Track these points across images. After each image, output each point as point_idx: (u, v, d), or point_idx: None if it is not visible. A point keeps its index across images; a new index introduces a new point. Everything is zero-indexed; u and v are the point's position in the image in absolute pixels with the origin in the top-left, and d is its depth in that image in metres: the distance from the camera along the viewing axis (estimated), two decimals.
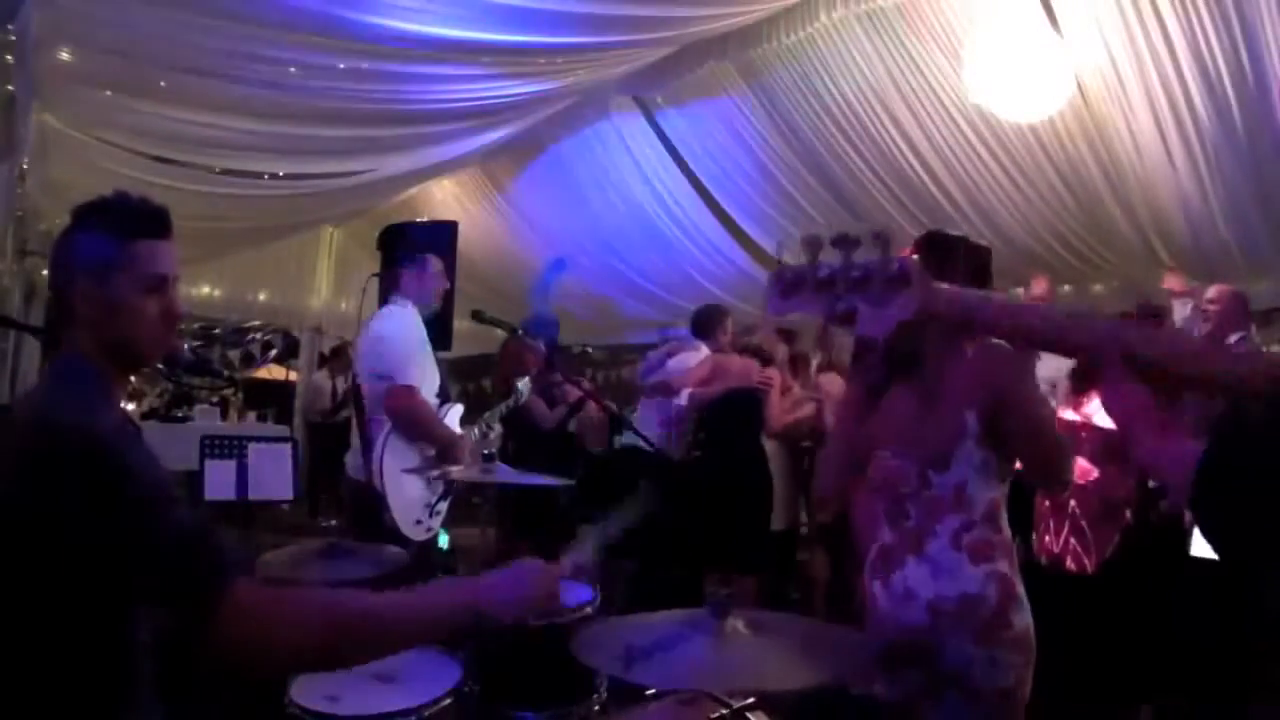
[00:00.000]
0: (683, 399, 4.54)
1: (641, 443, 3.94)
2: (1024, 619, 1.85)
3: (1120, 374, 0.88)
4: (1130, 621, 3.32)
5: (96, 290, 1.26)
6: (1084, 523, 3.35)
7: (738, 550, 4.10)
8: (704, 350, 4.54)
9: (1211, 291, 3.97)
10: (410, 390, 3.03)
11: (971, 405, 1.83)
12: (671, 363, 4.71)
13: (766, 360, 4.45)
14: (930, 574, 1.85)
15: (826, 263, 0.94)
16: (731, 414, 4.23)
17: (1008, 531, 1.89)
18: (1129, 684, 3.14)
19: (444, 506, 3.23)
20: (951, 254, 1.92)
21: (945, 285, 0.93)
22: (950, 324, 0.95)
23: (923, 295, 0.90)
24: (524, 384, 3.76)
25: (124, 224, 1.29)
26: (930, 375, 1.90)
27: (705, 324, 4.61)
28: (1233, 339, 3.85)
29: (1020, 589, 1.86)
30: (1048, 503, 3.44)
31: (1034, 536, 3.50)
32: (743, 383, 4.28)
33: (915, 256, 0.94)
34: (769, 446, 4.34)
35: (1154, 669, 3.68)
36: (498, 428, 3.52)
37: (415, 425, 3.06)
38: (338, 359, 8.90)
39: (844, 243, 0.93)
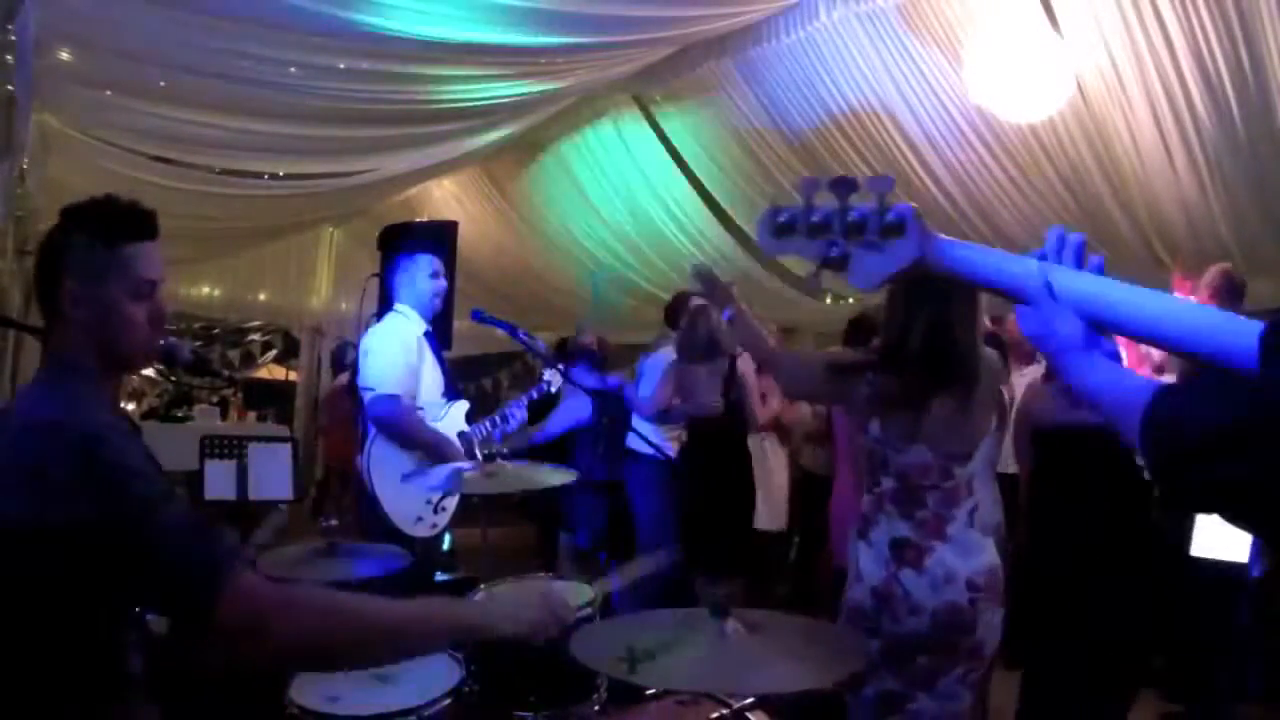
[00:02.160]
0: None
1: (642, 443, 3.95)
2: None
3: (1050, 305, 0.87)
4: (1131, 621, 3.32)
5: (85, 294, 1.27)
6: None
7: (722, 552, 4.17)
8: (670, 351, 4.53)
9: (1205, 276, 4.02)
10: (391, 400, 3.09)
11: (987, 406, 2.11)
12: (646, 365, 4.71)
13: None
14: (960, 554, 2.01)
15: (822, 206, 0.91)
16: (713, 422, 4.28)
17: (997, 509, 2.26)
18: (1122, 681, 3.14)
19: (451, 503, 3.25)
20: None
21: (945, 237, 0.90)
22: (940, 275, 0.91)
23: (919, 245, 0.87)
24: (551, 374, 3.78)
25: (113, 228, 1.30)
26: (968, 382, 2.07)
27: (671, 313, 4.64)
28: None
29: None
30: None
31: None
32: (707, 410, 4.27)
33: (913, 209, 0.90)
34: (767, 447, 4.34)
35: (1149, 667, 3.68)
36: (519, 415, 3.53)
37: (399, 432, 3.14)
38: None
39: (841, 186, 0.90)
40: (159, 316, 1.34)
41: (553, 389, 3.78)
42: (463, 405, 3.43)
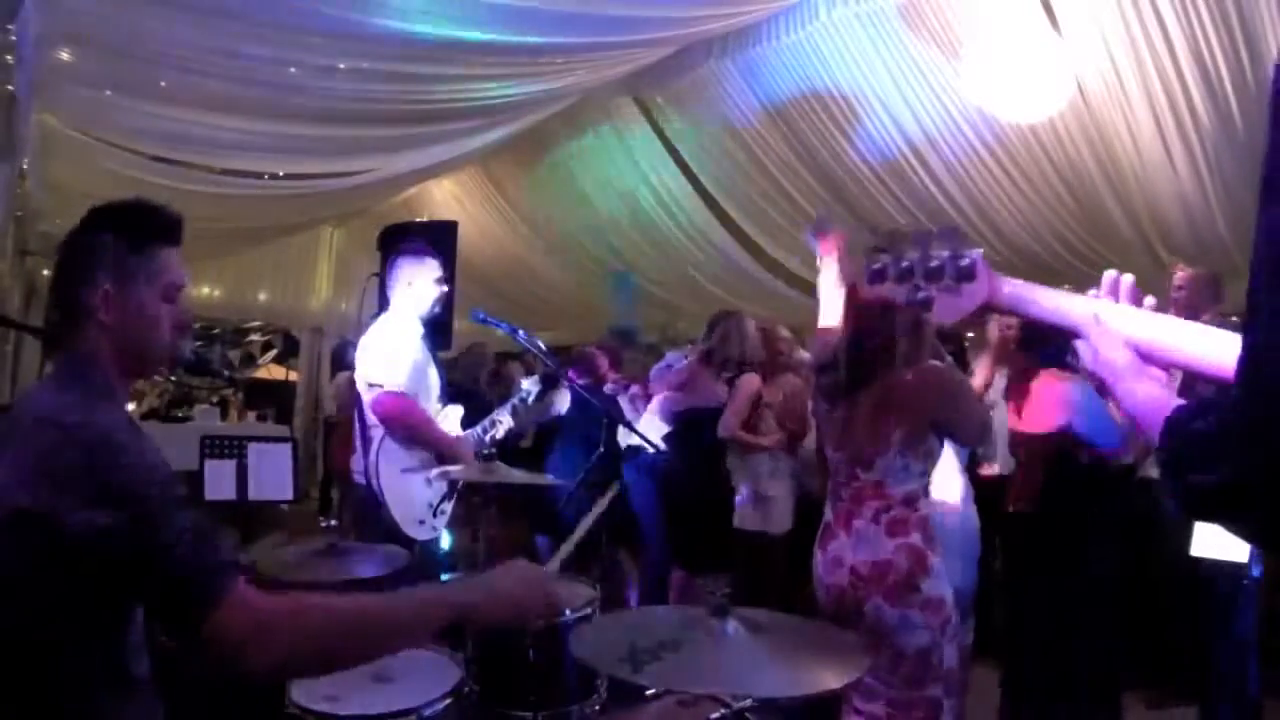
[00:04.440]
0: (656, 403, 4.66)
1: (641, 441, 3.96)
2: (934, 586, 2.19)
3: (1101, 338, 0.99)
4: (1132, 620, 3.32)
5: (117, 294, 1.28)
6: None
7: (703, 549, 4.30)
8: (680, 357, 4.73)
9: (1177, 277, 4.01)
10: (399, 396, 3.05)
11: (902, 422, 2.22)
12: (674, 364, 4.81)
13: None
14: (854, 545, 2.24)
15: (907, 255, 1.08)
16: (696, 422, 4.37)
17: (925, 510, 2.26)
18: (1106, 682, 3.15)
19: (449, 506, 3.25)
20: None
21: (1007, 279, 1.07)
22: (1002, 311, 1.12)
23: (989, 288, 1.05)
24: (530, 381, 3.77)
25: (147, 230, 1.32)
26: (871, 391, 2.27)
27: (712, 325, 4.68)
28: (1204, 318, 3.87)
29: (934, 561, 2.21)
30: None
31: None
32: (710, 399, 4.38)
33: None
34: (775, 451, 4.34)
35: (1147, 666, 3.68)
36: (507, 421, 3.52)
37: (407, 430, 3.09)
38: None
39: (923, 237, 1.08)
40: (184, 322, 1.36)
41: (530, 400, 3.75)
42: (458, 410, 3.43)
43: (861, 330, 2.29)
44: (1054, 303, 1.06)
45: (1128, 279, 1.05)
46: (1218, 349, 0.93)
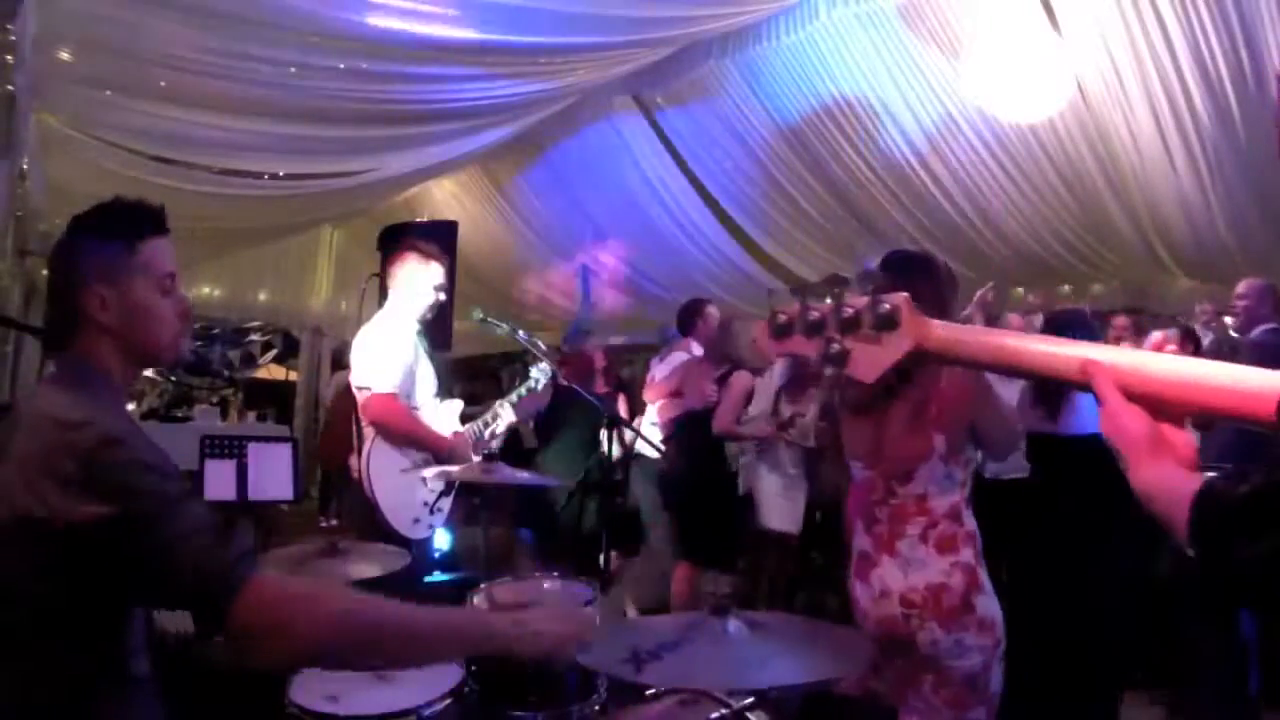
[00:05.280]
0: (653, 411, 4.73)
1: (646, 445, 3.98)
2: (987, 605, 2.04)
3: (1111, 398, 0.83)
4: (1133, 620, 3.32)
5: (114, 294, 1.28)
6: None
7: (709, 544, 4.36)
8: (692, 349, 4.70)
9: (1240, 286, 4.02)
10: (387, 399, 3.06)
11: (941, 429, 2.05)
12: (659, 366, 4.82)
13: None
14: (901, 569, 2.05)
15: (815, 305, 0.93)
16: (695, 426, 4.41)
17: (971, 523, 2.08)
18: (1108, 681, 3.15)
19: (446, 504, 3.24)
20: (915, 273, 2.09)
21: (937, 323, 0.90)
22: (939, 361, 0.91)
23: (914, 336, 0.88)
24: (538, 369, 3.75)
25: (131, 226, 1.32)
26: (906, 400, 2.09)
27: (684, 319, 4.70)
28: (1257, 332, 3.86)
29: (984, 577, 2.05)
30: None
31: None
32: (703, 400, 4.43)
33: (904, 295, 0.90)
34: (783, 451, 4.35)
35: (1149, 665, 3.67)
36: (507, 415, 3.52)
37: (396, 432, 3.10)
38: None
39: (832, 283, 0.93)
40: (185, 310, 1.37)
41: (539, 386, 3.76)
42: (456, 405, 3.42)
43: None
44: (1037, 351, 0.87)
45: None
46: (1236, 386, 0.78)
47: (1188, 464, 0.83)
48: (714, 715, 1.71)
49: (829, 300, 0.92)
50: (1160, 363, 0.83)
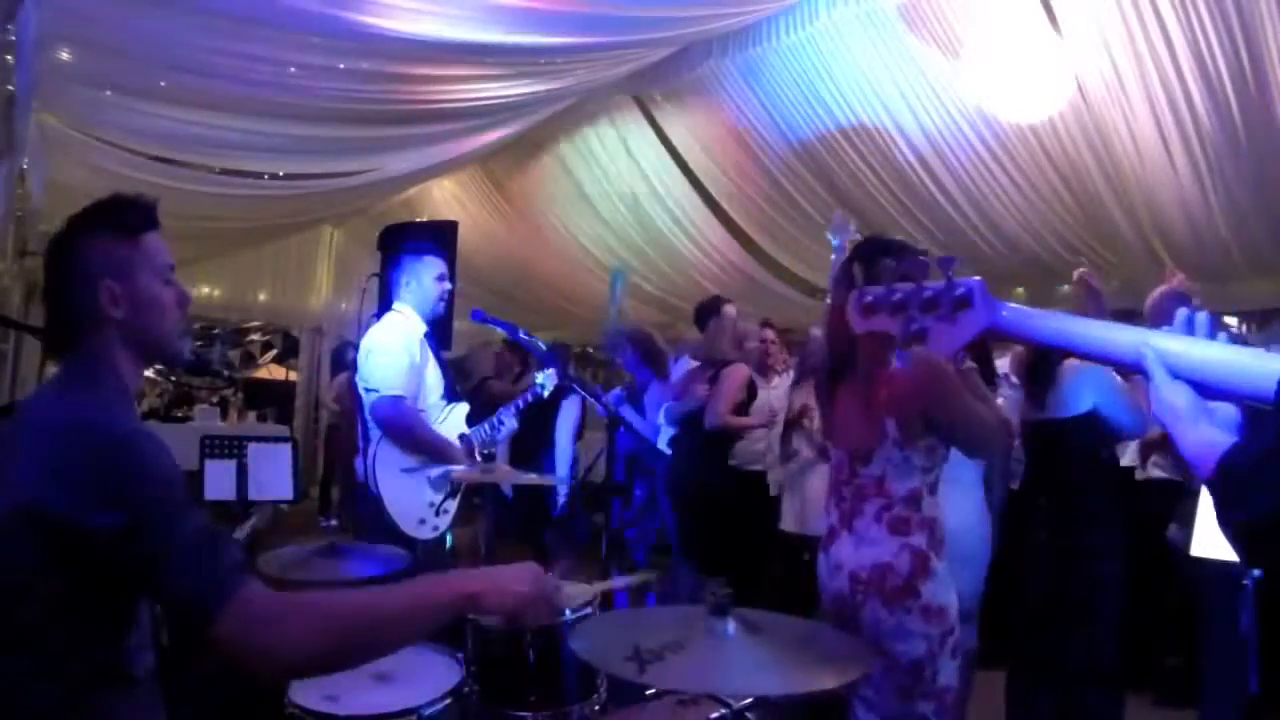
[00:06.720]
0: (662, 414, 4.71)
1: (646, 442, 3.97)
2: (936, 592, 2.04)
3: (1158, 375, 0.90)
4: (1134, 620, 3.31)
5: (124, 288, 1.30)
6: None
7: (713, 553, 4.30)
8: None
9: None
10: (394, 401, 3.06)
11: (892, 414, 2.09)
12: (674, 368, 4.85)
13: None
14: (854, 546, 2.12)
15: (900, 286, 1.04)
16: (691, 427, 4.42)
17: (932, 511, 2.12)
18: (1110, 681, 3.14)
19: (452, 505, 3.24)
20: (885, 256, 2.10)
21: (1008, 305, 1.00)
22: (1006, 339, 1.05)
23: (986, 315, 0.99)
24: (544, 375, 3.72)
25: (131, 221, 1.34)
26: (862, 382, 2.18)
27: (701, 316, 4.70)
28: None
29: (936, 564, 2.07)
30: None
31: None
32: (696, 401, 4.44)
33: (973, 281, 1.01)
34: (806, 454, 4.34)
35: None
36: (511, 423, 3.50)
37: (402, 434, 3.11)
38: None
39: (918, 267, 1.05)
40: (184, 297, 1.39)
41: (545, 393, 3.72)
42: (463, 407, 3.42)
43: (833, 326, 2.26)
44: (1096, 334, 0.96)
45: (1202, 315, 0.94)
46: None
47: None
48: (714, 715, 1.71)
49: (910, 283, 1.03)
50: (1201, 348, 0.91)
